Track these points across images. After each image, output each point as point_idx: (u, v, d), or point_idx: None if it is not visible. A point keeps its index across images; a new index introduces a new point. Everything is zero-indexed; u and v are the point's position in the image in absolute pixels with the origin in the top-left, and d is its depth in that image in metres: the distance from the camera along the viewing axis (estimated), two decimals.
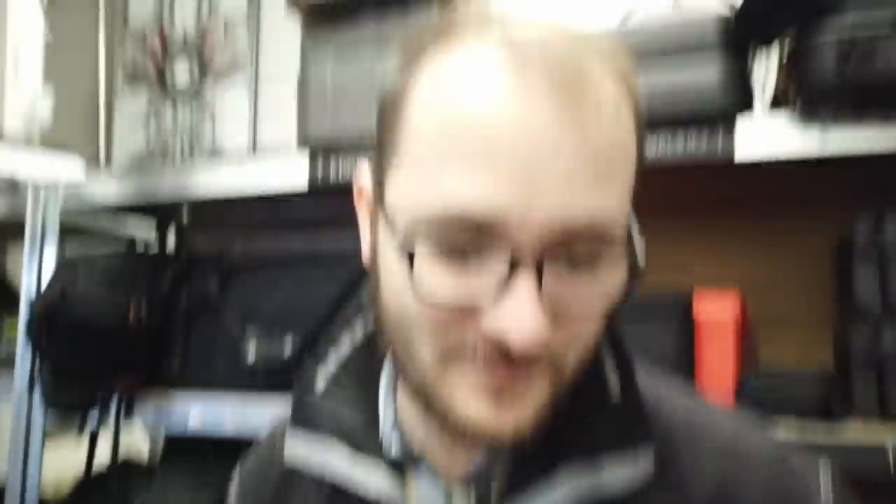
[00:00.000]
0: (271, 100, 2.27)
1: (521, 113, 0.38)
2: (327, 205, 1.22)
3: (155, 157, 2.34)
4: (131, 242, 1.31)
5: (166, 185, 1.19)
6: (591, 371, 0.47)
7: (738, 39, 0.92)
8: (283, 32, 2.34)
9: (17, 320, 1.26)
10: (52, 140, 1.92)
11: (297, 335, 1.06)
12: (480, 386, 0.41)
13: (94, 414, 1.09)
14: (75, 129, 2.43)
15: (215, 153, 2.28)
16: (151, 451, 1.40)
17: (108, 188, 1.23)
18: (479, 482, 0.47)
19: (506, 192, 0.38)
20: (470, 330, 0.40)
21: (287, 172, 1.12)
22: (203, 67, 2.40)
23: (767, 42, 0.96)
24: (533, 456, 0.45)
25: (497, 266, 0.38)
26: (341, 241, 1.10)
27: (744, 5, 0.90)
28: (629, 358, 0.49)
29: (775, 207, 1.10)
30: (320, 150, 1.11)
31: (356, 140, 1.09)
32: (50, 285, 1.10)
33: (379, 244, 0.44)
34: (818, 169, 0.94)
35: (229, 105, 2.34)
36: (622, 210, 0.41)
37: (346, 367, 0.52)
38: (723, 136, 0.91)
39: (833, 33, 0.80)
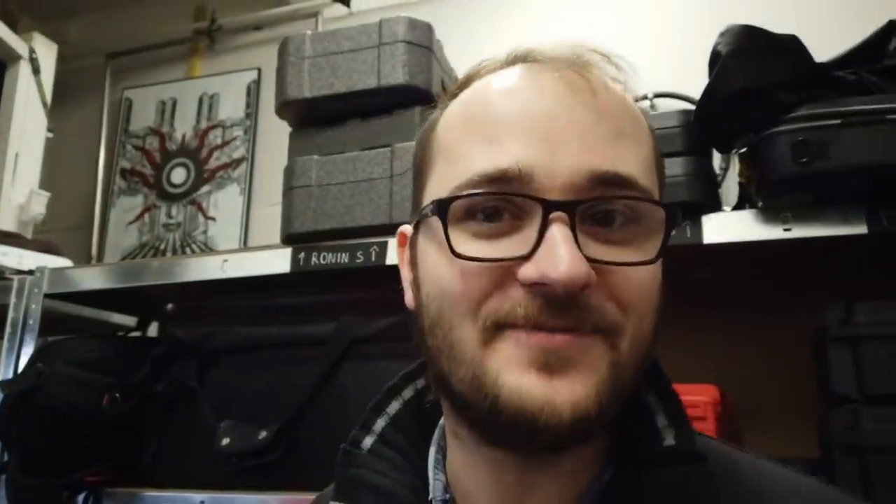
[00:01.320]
0: (265, 199, 2.36)
1: (535, 89, 0.43)
2: (307, 294, 1.24)
3: (147, 253, 2.39)
4: (114, 328, 1.31)
5: (149, 274, 1.19)
6: (641, 426, 0.45)
7: (699, 142, 0.98)
8: (280, 135, 2.45)
9: None
10: (46, 233, 1.96)
11: (272, 426, 1.04)
12: (528, 355, 0.39)
13: None
14: (70, 224, 2.48)
15: (207, 251, 2.33)
16: None
17: (92, 277, 1.23)
18: None
19: (528, 149, 0.40)
20: (510, 294, 0.40)
21: (270, 264, 1.13)
22: (199, 169, 2.49)
23: (727, 145, 1.01)
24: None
25: (530, 223, 0.40)
26: (319, 329, 1.11)
27: (696, 115, 0.96)
28: (683, 412, 0.46)
29: (753, 301, 1.11)
30: (303, 242, 1.13)
31: (337, 232, 1.12)
32: (26, 369, 1.08)
33: (419, 255, 0.46)
34: (792, 260, 0.97)
35: (223, 204, 2.42)
36: (645, 172, 0.42)
37: (393, 433, 0.52)
38: (690, 229, 0.95)
39: (788, 131, 0.85)
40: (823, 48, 0.95)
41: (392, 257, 1.07)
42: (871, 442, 0.86)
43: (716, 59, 0.88)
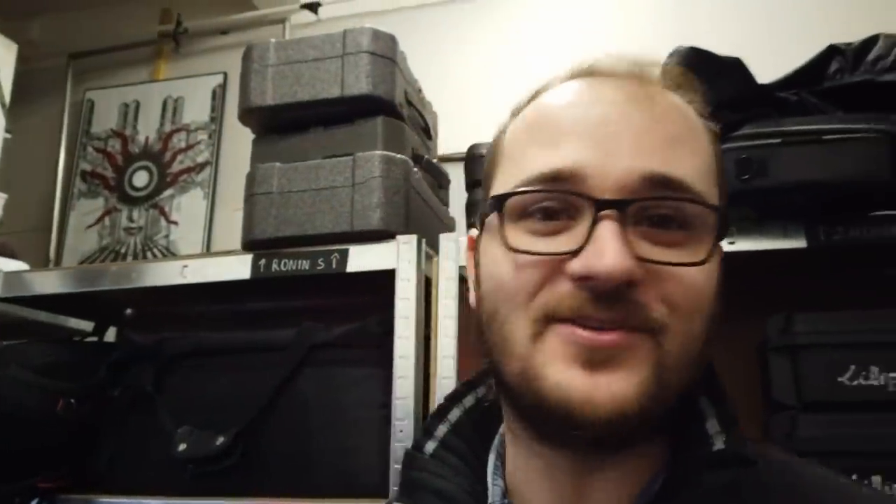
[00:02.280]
0: (229, 203, 2.34)
1: (592, 97, 0.45)
2: (268, 301, 1.25)
3: (107, 257, 2.35)
4: (70, 333, 1.29)
5: (108, 279, 1.19)
6: (694, 431, 0.46)
7: None
8: (245, 140, 2.43)
9: None
10: (2, 236, 1.92)
11: (230, 431, 1.04)
12: (573, 351, 0.41)
13: None
14: (28, 227, 2.44)
15: (169, 254, 2.30)
16: None
17: (49, 281, 1.22)
18: None
19: (583, 150, 0.42)
20: (559, 287, 0.42)
21: (230, 270, 1.14)
22: (162, 173, 2.47)
23: None
24: None
25: (583, 221, 0.42)
26: (278, 335, 1.11)
27: None
28: (735, 418, 0.47)
29: None
30: (264, 248, 1.14)
31: (298, 239, 1.13)
32: None
33: (480, 254, 0.48)
34: (737, 273, 1.01)
35: (186, 208, 2.40)
36: (700, 178, 0.43)
37: (454, 438, 0.53)
38: None
39: (731, 149, 0.89)
40: (769, 70, 1.00)
41: (353, 265, 1.09)
42: (806, 447, 0.90)
43: None
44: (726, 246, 0.93)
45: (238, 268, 1.13)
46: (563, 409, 0.40)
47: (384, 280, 1.08)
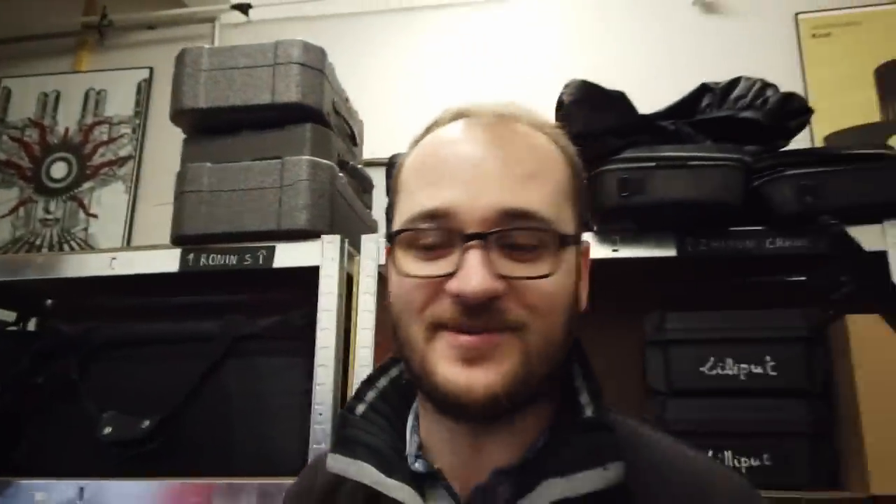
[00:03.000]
0: (151, 198, 2.35)
1: (463, 147, 0.56)
2: (195, 295, 1.30)
3: (21, 248, 2.31)
4: None
5: (33, 269, 1.22)
6: (570, 401, 0.58)
7: None
8: (170, 136, 2.44)
9: None
10: None
11: (155, 417, 1.10)
12: (454, 353, 0.53)
13: None
14: None
15: (87, 247, 2.29)
16: None
17: None
18: (483, 496, 0.57)
19: (455, 193, 0.54)
20: (441, 302, 0.53)
21: (159, 263, 1.19)
22: (82, 165, 2.44)
23: None
24: (524, 474, 0.55)
25: (455, 248, 0.53)
26: (203, 326, 1.18)
27: None
28: (600, 391, 0.59)
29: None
30: (193, 243, 1.20)
31: (227, 236, 1.20)
32: None
33: (388, 269, 0.59)
34: (619, 277, 1.15)
35: (106, 202, 2.39)
36: (550, 207, 0.55)
37: (380, 402, 0.64)
38: None
39: (614, 169, 1.03)
40: (650, 102, 1.15)
41: (279, 261, 1.17)
42: (674, 428, 1.05)
43: (560, 106, 1.05)
44: (611, 253, 1.08)
45: (167, 261, 1.19)
46: (451, 396, 0.53)
47: (308, 277, 1.16)
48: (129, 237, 2.34)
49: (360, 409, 0.64)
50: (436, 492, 0.58)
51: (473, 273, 0.51)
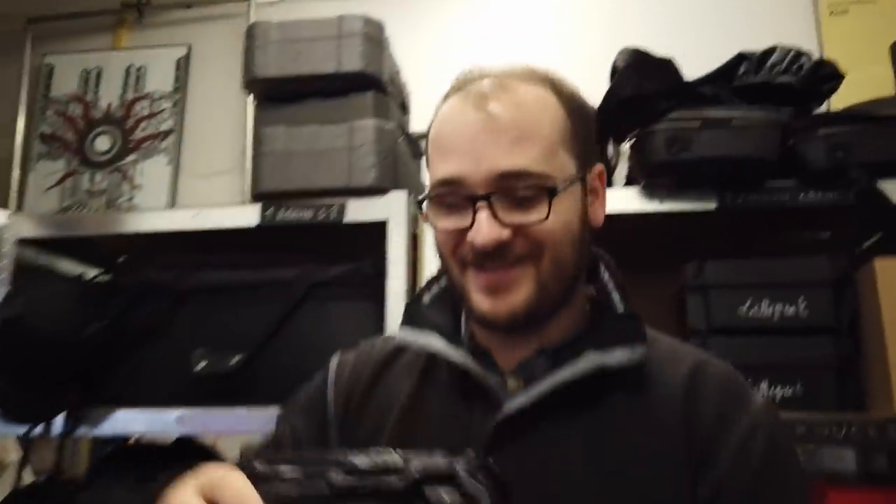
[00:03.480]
0: (193, 170, 2.45)
1: (463, 120, 0.68)
2: (270, 251, 1.41)
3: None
4: (81, 275, 1.42)
5: (124, 223, 1.33)
6: (604, 298, 0.73)
7: (600, 132, 1.25)
8: (209, 109, 2.54)
9: None
10: None
11: (241, 353, 1.22)
12: (480, 285, 0.68)
13: (40, 427, 1.17)
14: None
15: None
16: (91, 463, 1.44)
17: (70, 224, 1.35)
18: (524, 368, 0.71)
19: (460, 164, 0.67)
20: (465, 248, 0.68)
21: (240, 217, 1.30)
22: (125, 139, 2.54)
23: (620, 137, 1.30)
24: (564, 350, 0.69)
25: (469, 207, 0.66)
26: (281, 273, 1.29)
27: (598, 112, 1.24)
28: (625, 287, 0.75)
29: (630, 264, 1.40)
30: (269, 200, 1.31)
31: (301, 193, 1.31)
32: (11, 298, 1.19)
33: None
34: (663, 229, 1.26)
35: (150, 173, 2.49)
36: (542, 162, 0.66)
37: (443, 294, 0.79)
38: None
39: (661, 129, 1.14)
40: (695, 68, 1.25)
41: (350, 216, 1.28)
42: None
43: (614, 72, 1.16)
44: (656, 206, 1.19)
45: (247, 216, 1.30)
46: (482, 318, 0.69)
47: (375, 233, 1.27)
48: (172, 207, 2.45)
49: (427, 297, 0.79)
50: (485, 368, 0.72)
51: (482, 227, 0.65)
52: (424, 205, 0.71)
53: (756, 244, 1.23)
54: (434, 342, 0.72)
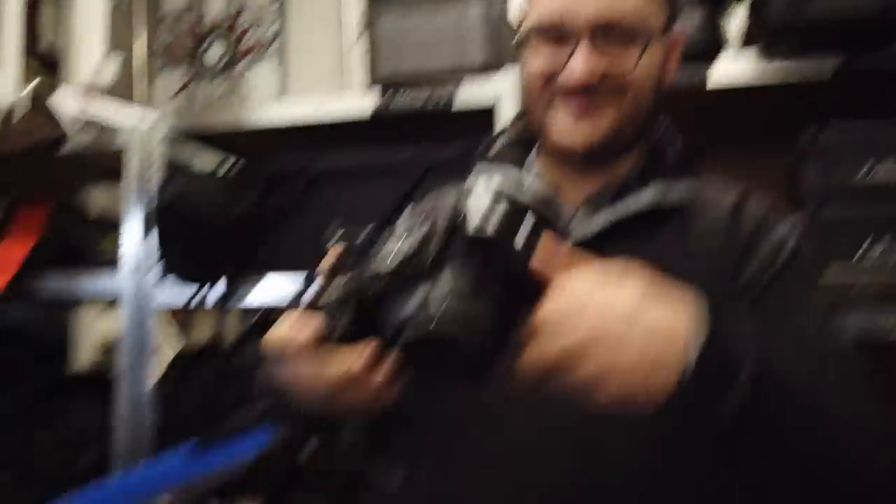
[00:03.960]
0: (299, 77, 2.55)
1: None
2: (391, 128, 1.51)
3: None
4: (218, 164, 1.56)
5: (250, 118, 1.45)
6: (662, 149, 0.82)
7: None
8: (310, 16, 2.60)
9: (112, 237, 1.52)
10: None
11: (370, 228, 1.33)
12: (567, 109, 0.75)
13: (202, 293, 1.35)
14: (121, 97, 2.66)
15: None
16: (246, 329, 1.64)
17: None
18: (595, 202, 0.79)
19: (564, 5, 0.73)
20: (560, 80, 0.75)
21: (356, 104, 1.39)
22: (233, 49, 2.66)
23: None
24: (627, 187, 0.78)
25: (569, 44, 0.73)
26: (400, 155, 1.39)
27: None
28: (678, 144, 0.84)
29: (743, 133, 1.39)
30: (387, 84, 1.39)
31: (414, 77, 1.38)
32: (172, 180, 1.36)
33: (522, 64, 0.79)
34: (781, 94, 1.24)
35: (257, 81, 2.61)
36: (638, 13, 0.73)
37: (513, 139, 0.88)
38: (700, 69, 1.21)
39: None
40: None
41: (464, 95, 1.33)
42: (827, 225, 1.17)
43: None
44: (774, 70, 1.17)
45: (365, 102, 1.39)
46: (561, 142, 0.77)
47: (485, 121, 1.33)
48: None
49: (496, 146, 0.88)
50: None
51: (578, 64, 0.72)
52: (521, 45, 0.77)
53: (878, 109, 1.19)
54: (510, 172, 0.82)
